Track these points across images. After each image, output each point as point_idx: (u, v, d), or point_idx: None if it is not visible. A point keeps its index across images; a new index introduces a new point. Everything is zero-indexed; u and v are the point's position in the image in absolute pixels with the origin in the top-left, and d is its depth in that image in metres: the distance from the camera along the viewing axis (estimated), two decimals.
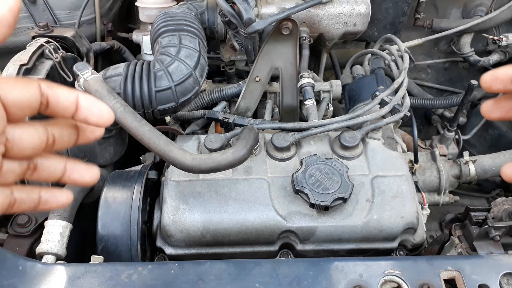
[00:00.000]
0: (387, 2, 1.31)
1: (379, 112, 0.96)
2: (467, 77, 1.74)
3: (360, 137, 0.95)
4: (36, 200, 0.47)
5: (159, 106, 0.94)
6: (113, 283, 0.69)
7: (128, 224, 0.86)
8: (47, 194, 0.47)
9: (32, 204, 0.46)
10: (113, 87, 0.90)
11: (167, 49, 0.96)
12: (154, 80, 0.92)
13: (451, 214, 0.93)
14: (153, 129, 0.80)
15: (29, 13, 1.30)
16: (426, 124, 1.79)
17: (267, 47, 1.05)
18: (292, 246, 0.89)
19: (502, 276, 0.71)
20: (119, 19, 1.52)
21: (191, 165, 0.78)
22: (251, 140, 0.86)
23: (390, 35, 1.26)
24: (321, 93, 1.15)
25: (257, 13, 1.13)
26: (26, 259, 0.73)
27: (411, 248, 0.94)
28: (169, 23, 1.02)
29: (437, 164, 1.22)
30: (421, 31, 1.56)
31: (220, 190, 0.89)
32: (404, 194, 0.89)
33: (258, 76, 1.09)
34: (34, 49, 1.01)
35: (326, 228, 0.87)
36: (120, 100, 0.82)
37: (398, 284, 0.70)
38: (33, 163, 0.45)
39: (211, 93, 1.16)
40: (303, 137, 0.96)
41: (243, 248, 0.89)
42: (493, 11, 1.52)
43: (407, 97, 1.01)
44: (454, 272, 0.72)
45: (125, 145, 1.15)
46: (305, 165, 0.88)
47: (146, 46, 1.35)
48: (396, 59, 1.14)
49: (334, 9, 1.13)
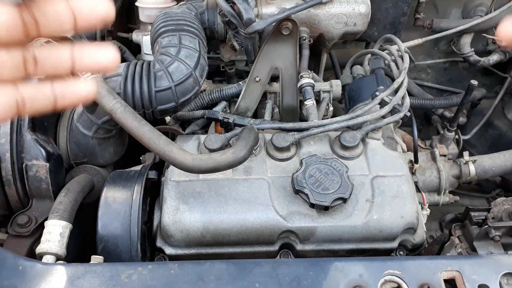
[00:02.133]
0: (387, 2, 1.31)
1: (379, 112, 0.96)
2: (467, 77, 1.74)
3: (360, 137, 0.95)
4: (50, 96, 0.39)
5: (159, 106, 0.94)
6: (113, 283, 0.69)
7: (128, 224, 0.86)
8: (62, 86, 0.40)
9: (47, 101, 0.40)
10: (113, 87, 0.90)
11: (167, 49, 0.96)
12: (154, 80, 0.92)
13: (451, 214, 0.93)
14: (153, 129, 0.80)
15: None
16: (426, 124, 1.79)
17: (267, 47, 1.05)
18: (292, 246, 0.89)
19: (502, 276, 0.71)
20: (119, 19, 1.52)
21: (191, 165, 0.78)
22: (251, 140, 0.86)
23: (390, 35, 1.26)
24: (321, 93, 1.15)
25: (257, 13, 1.13)
26: (26, 259, 0.73)
27: (411, 248, 0.94)
28: (169, 23, 1.02)
29: (437, 164, 1.22)
30: (421, 31, 1.56)
31: (220, 190, 0.89)
32: (404, 194, 0.89)
33: (258, 76, 1.09)
34: None
35: (326, 228, 0.87)
36: (120, 100, 0.82)
37: (398, 284, 0.70)
38: (29, 54, 0.38)
39: (211, 93, 1.16)
40: (303, 137, 0.96)
41: (243, 248, 0.89)
42: (493, 11, 1.52)
43: (407, 97, 1.01)
44: (454, 272, 0.72)
45: (125, 145, 1.15)
46: (305, 165, 0.88)
47: (146, 46, 1.35)
48: (396, 59, 1.14)
49: (334, 9, 1.13)
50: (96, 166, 1.08)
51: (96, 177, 1.05)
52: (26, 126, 0.94)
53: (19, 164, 0.93)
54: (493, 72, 1.71)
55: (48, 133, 1.01)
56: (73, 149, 1.05)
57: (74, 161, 1.07)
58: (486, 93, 1.69)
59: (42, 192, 0.95)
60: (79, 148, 1.05)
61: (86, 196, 0.98)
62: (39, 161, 0.93)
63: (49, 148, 0.96)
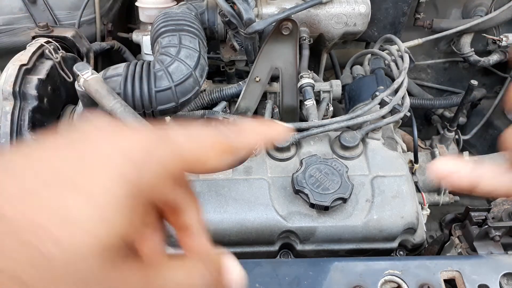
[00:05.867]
0: (387, 2, 1.31)
1: (379, 112, 0.96)
2: (467, 77, 1.74)
3: (360, 137, 0.95)
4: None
5: (159, 106, 0.94)
6: None
7: None
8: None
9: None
10: (113, 87, 0.90)
11: (167, 49, 0.96)
12: (154, 80, 0.92)
13: (451, 214, 0.93)
14: None
15: (29, 13, 1.30)
16: (426, 124, 1.79)
17: (267, 47, 1.05)
18: (292, 246, 0.89)
19: (502, 276, 0.71)
20: (119, 19, 1.52)
21: None
22: None
23: (390, 35, 1.26)
24: (321, 93, 1.15)
25: (257, 13, 1.13)
26: None
27: (411, 248, 0.94)
28: (169, 23, 1.02)
29: None
30: (421, 31, 1.56)
31: (220, 190, 0.89)
32: (404, 194, 0.89)
33: (258, 76, 1.09)
34: (34, 49, 1.01)
35: (326, 228, 0.87)
36: (120, 100, 0.82)
37: (398, 284, 0.70)
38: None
39: (211, 93, 1.16)
40: (303, 137, 0.96)
41: (243, 248, 0.89)
42: (493, 11, 1.52)
43: (407, 97, 1.01)
44: (454, 272, 0.72)
45: None
46: (305, 165, 0.88)
47: (146, 46, 1.35)
48: (396, 59, 1.13)
49: (334, 9, 1.13)
50: None
51: None
52: (26, 126, 0.93)
53: None
54: (493, 72, 1.71)
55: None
56: None
57: None
58: (486, 93, 1.69)
59: None
60: None
61: None
62: None
63: None
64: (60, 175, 0.25)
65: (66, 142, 0.28)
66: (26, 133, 0.93)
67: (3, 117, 0.92)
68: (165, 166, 0.28)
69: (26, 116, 0.94)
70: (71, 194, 0.25)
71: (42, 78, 0.98)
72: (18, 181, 0.25)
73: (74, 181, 0.25)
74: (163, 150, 0.29)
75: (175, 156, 0.29)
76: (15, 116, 0.93)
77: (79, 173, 0.25)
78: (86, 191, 0.25)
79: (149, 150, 0.28)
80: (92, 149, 0.27)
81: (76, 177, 0.25)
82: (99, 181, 0.25)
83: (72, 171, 0.26)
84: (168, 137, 0.30)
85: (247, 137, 0.34)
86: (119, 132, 0.29)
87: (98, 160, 0.26)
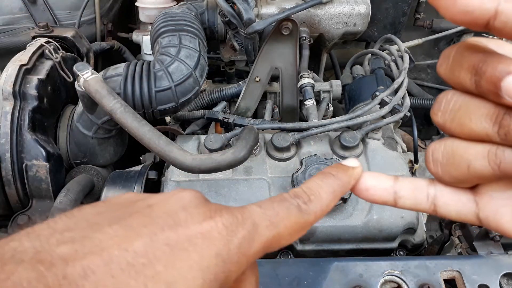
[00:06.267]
0: (387, 2, 1.31)
1: (379, 112, 0.96)
2: None
3: (360, 137, 0.95)
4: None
5: (159, 106, 0.94)
6: None
7: None
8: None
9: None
10: (113, 87, 0.90)
11: (167, 49, 0.96)
12: (154, 80, 0.92)
13: None
14: (153, 129, 0.80)
15: (29, 13, 1.30)
16: (426, 124, 1.79)
17: (267, 47, 1.05)
18: (292, 246, 0.89)
19: (502, 276, 0.71)
20: (119, 19, 1.52)
21: (191, 165, 0.78)
22: (251, 140, 0.86)
23: (390, 35, 1.26)
24: (321, 93, 1.15)
25: (257, 13, 1.13)
26: None
27: (411, 248, 0.94)
28: (169, 23, 1.02)
29: None
30: (421, 31, 1.56)
31: (220, 190, 0.89)
32: None
33: (258, 76, 1.09)
34: (34, 49, 1.01)
35: (326, 228, 0.87)
36: (120, 100, 0.82)
37: (398, 284, 0.70)
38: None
39: (211, 93, 1.16)
40: (303, 137, 0.96)
41: None
42: None
43: (407, 97, 1.01)
44: (454, 272, 0.72)
45: (125, 145, 1.15)
46: (305, 165, 0.88)
47: (146, 46, 1.35)
48: (396, 59, 1.14)
49: (334, 9, 1.13)
50: (96, 166, 1.08)
51: (96, 177, 1.05)
52: (26, 126, 0.94)
53: (19, 164, 0.93)
54: None
55: (48, 133, 1.01)
56: (73, 149, 1.06)
57: (74, 161, 1.07)
58: None
59: (42, 192, 0.95)
60: (79, 148, 1.05)
61: (86, 196, 0.98)
62: (39, 161, 0.93)
63: (49, 148, 0.96)
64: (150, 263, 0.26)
65: (157, 227, 0.28)
66: (26, 133, 0.93)
67: (3, 117, 0.92)
68: (245, 254, 0.29)
69: (26, 116, 0.94)
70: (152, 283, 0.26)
71: (42, 78, 0.98)
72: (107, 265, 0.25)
73: (156, 269, 0.26)
74: (244, 237, 0.30)
75: (256, 243, 0.30)
76: (15, 116, 0.93)
77: (164, 262, 0.26)
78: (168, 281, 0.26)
79: (231, 240, 0.29)
80: (181, 239, 0.28)
81: (159, 264, 0.26)
82: (184, 272, 0.27)
83: (157, 258, 0.26)
84: (248, 221, 0.31)
85: (321, 201, 0.35)
86: (202, 215, 0.30)
87: (187, 249, 0.27)
